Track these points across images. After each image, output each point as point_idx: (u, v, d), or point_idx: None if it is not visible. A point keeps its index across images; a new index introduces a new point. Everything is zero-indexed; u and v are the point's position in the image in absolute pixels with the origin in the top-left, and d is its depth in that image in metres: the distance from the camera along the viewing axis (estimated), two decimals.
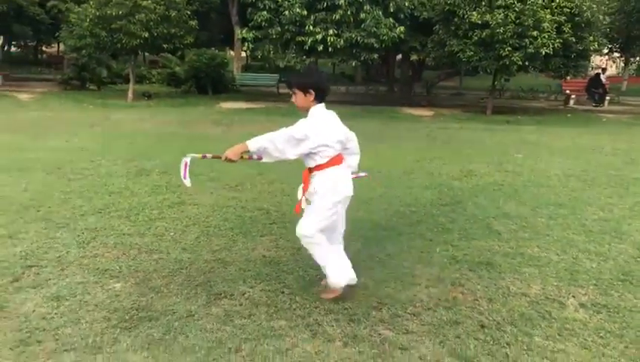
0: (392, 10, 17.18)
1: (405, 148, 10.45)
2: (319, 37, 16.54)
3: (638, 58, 31.47)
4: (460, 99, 26.00)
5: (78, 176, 7.06)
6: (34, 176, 6.96)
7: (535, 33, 15.54)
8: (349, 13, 16.41)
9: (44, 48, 44.85)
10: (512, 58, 16.05)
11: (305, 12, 16.56)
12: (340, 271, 3.61)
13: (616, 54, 31.04)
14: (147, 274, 4.01)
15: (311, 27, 16.57)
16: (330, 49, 16.95)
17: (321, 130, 3.48)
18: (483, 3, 16.32)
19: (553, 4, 16.00)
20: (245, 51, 19.31)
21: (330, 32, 16.49)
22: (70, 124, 12.46)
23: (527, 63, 16.63)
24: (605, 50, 27.20)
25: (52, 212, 5.45)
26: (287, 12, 16.54)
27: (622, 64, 36.30)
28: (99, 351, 2.93)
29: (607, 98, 23.29)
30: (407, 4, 17.83)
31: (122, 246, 4.56)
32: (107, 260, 4.25)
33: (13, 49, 44.03)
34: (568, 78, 20.69)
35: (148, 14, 16.58)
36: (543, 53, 15.69)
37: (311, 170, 3.61)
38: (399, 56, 28.07)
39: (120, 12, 16.36)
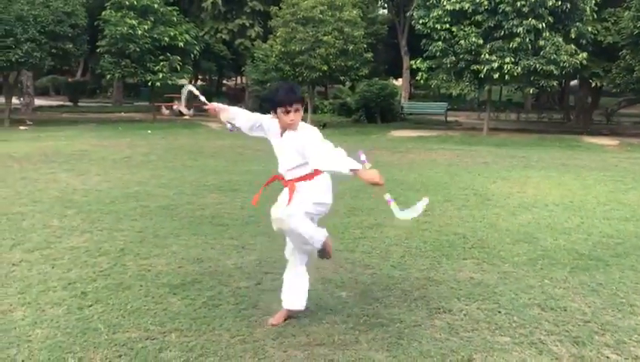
0: (573, 36, 16.57)
1: (594, 178, 10.03)
2: (495, 65, 16.43)
3: None
4: None
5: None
6: (245, 196, 7.83)
7: None
8: (527, 40, 16.13)
9: (224, 81, 49.30)
10: None
11: (481, 41, 16.59)
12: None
13: None
14: (366, 286, 4.42)
15: (487, 55, 16.54)
16: (506, 77, 16.75)
17: None
18: None
19: None
20: (418, 80, 19.73)
21: (507, 59, 16.30)
22: (260, 150, 13.62)
23: None
24: None
25: (270, 227, 5.98)
26: (462, 42, 16.68)
27: None
28: (345, 348, 3.34)
29: None
30: (589, 29, 17.10)
31: (338, 260, 5.03)
32: (328, 272, 4.73)
33: (199, 83, 48.93)
34: None
35: (328, 49, 17.73)
36: None
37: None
38: (574, 82, 26.79)
39: (303, 47, 17.68)
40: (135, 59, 20.29)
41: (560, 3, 15.88)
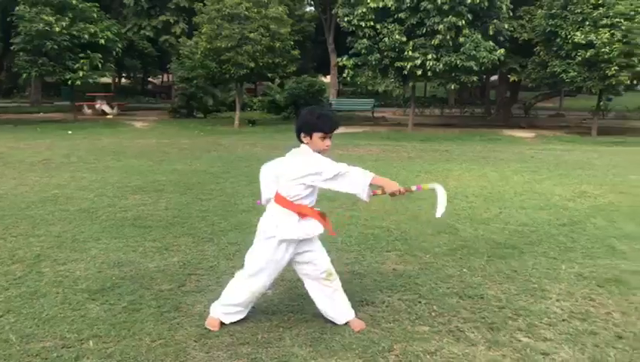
0: (491, 33, 17.21)
1: (512, 169, 10.48)
2: (418, 62, 16.84)
3: None
4: (561, 120, 25.39)
5: (208, 196, 7.72)
6: (170, 196, 7.69)
7: None
8: (448, 37, 16.62)
9: (150, 79, 48.07)
10: (618, 77, 15.64)
11: (404, 38, 16.94)
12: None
13: None
14: (292, 282, 4.42)
15: (410, 52, 16.91)
16: (429, 73, 17.20)
17: None
18: (587, 23, 16.07)
19: None
20: (345, 77, 19.93)
21: (429, 56, 16.75)
22: (187, 149, 13.43)
23: (635, 82, 16.14)
24: None
25: (195, 228, 6.05)
26: (386, 39, 16.98)
27: None
28: (269, 346, 3.35)
29: None
30: (506, 26, 17.83)
31: None
32: None
33: (123, 81, 47.49)
34: None
35: (254, 45, 17.61)
36: None
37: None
38: (494, 78, 27.86)
39: (229, 44, 17.49)
40: (53, 57, 19.44)
41: (478, 1, 16.43)
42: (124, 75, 45.24)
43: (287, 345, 3.36)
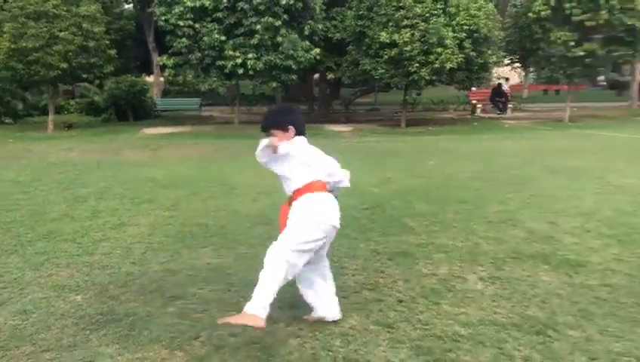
0: (307, 33, 18.03)
1: None
2: (239, 61, 17.11)
3: (533, 69, 33.96)
4: (376, 114, 27.31)
5: (15, 207, 7.26)
6: None
7: (439, 50, 16.83)
8: (266, 37, 17.10)
9: None
10: (420, 73, 17.30)
11: (223, 37, 17.11)
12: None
13: (517, 65, 33.37)
14: (103, 286, 4.42)
15: (230, 51, 17.13)
16: (250, 72, 17.56)
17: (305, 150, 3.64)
18: (390, 24, 17.51)
19: (454, 22, 17.40)
20: (167, 77, 19.59)
21: (250, 55, 17.11)
22: (12, 157, 12.38)
23: (434, 78, 17.98)
24: (506, 62, 29.41)
25: None
26: (206, 38, 17.02)
27: (523, 74, 39.18)
28: (74, 349, 3.36)
29: (510, 106, 25.20)
30: (320, 26, 18.78)
31: (74, 265, 4.93)
32: (63, 278, 4.61)
33: None
34: (473, 89, 22.33)
35: (66, 45, 16.65)
36: (448, 67, 17.02)
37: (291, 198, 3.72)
38: (316, 76, 29.16)
39: (36, 44, 16.33)
40: None
41: (293, 2, 17.13)
42: None
43: (94, 346, 3.39)
